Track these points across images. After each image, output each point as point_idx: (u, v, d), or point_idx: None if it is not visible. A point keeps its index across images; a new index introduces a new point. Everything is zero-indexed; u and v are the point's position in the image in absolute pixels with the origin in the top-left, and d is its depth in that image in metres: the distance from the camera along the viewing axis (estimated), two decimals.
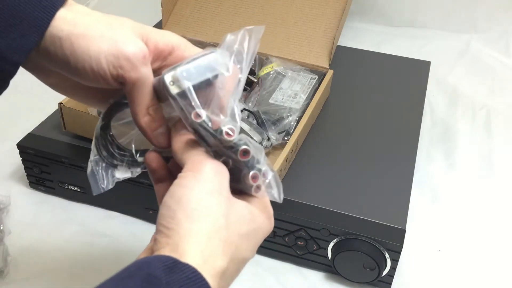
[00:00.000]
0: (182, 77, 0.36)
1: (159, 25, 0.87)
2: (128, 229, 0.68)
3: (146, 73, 0.37)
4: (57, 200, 0.71)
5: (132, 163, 0.44)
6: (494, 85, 0.99)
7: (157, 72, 0.39)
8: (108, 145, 0.43)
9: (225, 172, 0.36)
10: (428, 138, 0.84)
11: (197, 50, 0.41)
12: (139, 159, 0.43)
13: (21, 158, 0.69)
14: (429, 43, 1.11)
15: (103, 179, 0.44)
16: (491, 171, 0.79)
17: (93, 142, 0.44)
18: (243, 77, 0.38)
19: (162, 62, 0.40)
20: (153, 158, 0.40)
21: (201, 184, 0.35)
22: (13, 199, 0.70)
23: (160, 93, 0.38)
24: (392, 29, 1.16)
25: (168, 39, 0.40)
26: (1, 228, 0.65)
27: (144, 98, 0.38)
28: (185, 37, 0.88)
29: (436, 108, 0.92)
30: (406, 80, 0.84)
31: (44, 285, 0.61)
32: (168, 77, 0.36)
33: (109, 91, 0.40)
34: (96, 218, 0.69)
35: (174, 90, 0.35)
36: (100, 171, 0.44)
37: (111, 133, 0.43)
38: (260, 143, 0.62)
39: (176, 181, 0.35)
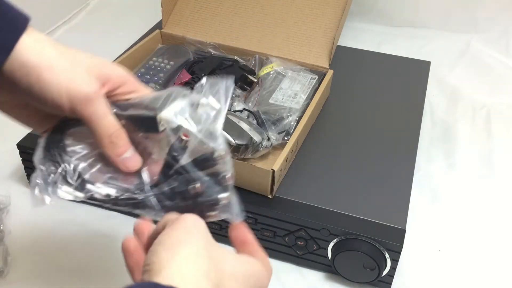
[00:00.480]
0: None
1: (159, 25, 0.87)
2: (128, 229, 0.67)
3: (100, 108, 0.40)
4: (57, 200, 0.71)
5: (80, 187, 0.43)
6: (494, 85, 0.99)
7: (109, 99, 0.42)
8: (65, 158, 0.43)
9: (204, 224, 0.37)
10: (428, 138, 0.84)
11: (141, 86, 0.44)
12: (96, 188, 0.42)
13: (21, 158, 0.69)
14: (429, 43, 1.11)
15: (48, 191, 0.43)
16: (491, 171, 0.79)
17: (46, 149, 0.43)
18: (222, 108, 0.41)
19: (113, 92, 0.43)
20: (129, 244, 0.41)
21: (180, 229, 0.35)
22: (13, 199, 0.70)
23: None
24: (392, 29, 1.16)
25: (118, 73, 0.43)
26: (1, 228, 0.65)
27: (103, 128, 0.41)
28: (185, 37, 0.88)
29: (436, 108, 0.92)
30: (406, 80, 0.84)
31: (44, 285, 0.61)
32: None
33: (56, 115, 0.43)
34: (96, 218, 0.69)
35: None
36: (49, 181, 0.42)
37: (66, 148, 0.43)
38: (260, 143, 0.62)
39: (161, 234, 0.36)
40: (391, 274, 0.59)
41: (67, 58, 0.40)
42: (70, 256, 0.64)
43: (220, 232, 0.64)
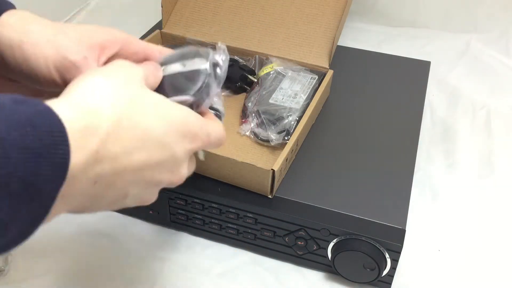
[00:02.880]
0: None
1: (159, 25, 0.87)
2: (128, 229, 0.68)
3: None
4: None
5: None
6: (494, 85, 0.99)
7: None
8: None
9: (138, 70, 0.36)
10: (428, 138, 0.84)
11: (142, 42, 0.43)
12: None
13: None
14: (429, 43, 1.11)
15: None
16: (491, 171, 0.79)
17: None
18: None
19: (110, 55, 0.41)
20: None
21: (100, 70, 0.34)
22: None
23: None
24: (392, 29, 1.16)
25: (114, 36, 0.42)
26: None
27: None
28: (185, 37, 0.88)
29: (436, 108, 0.92)
30: (406, 80, 0.84)
31: (44, 285, 0.61)
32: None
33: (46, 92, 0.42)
34: (96, 218, 0.69)
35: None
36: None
37: None
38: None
39: None
40: (391, 274, 0.59)
41: (52, 30, 0.38)
42: (70, 256, 0.64)
43: (220, 232, 0.64)
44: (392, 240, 0.56)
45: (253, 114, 0.69)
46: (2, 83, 0.42)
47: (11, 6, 0.38)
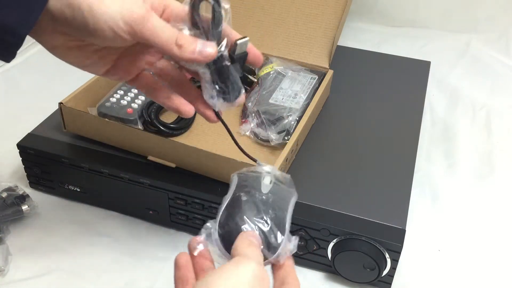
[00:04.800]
0: None
1: None
2: (128, 229, 0.68)
3: (157, 22, 0.40)
4: (57, 200, 0.71)
5: None
6: (494, 85, 0.99)
7: None
8: None
9: (266, 282, 0.37)
10: (428, 138, 0.84)
11: (182, 5, 0.44)
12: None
13: (21, 158, 0.69)
14: (429, 43, 1.11)
15: None
16: (491, 171, 0.79)
17: None
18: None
19: (162, 11, 0.43)
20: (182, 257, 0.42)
21: (234, 277, 0.36)
22: None
23: None
24: (392, 29, 1.16)
25: None
26: (2, 227, 0.65)
27: (167, 38, 0.41)
28: None
29: (436, 108, 0.92)
30: (406, 80, 0.85)
31: (44, 285, 0.61)
32: None
33: (114, 50, 0.44)
34: (96, 218, 0.69)
35: None
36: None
37: None
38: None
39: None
40: (391, 274, 0.59)
41: None
42: (70, 256, 0.64)
43: None
44: (392, 240, 0.56)
45: (253, 114, 0.69)
46: (63, 51, 0.43)
47: None
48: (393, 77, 0.85)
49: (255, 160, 0.46)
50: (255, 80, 0.75)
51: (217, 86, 0.43)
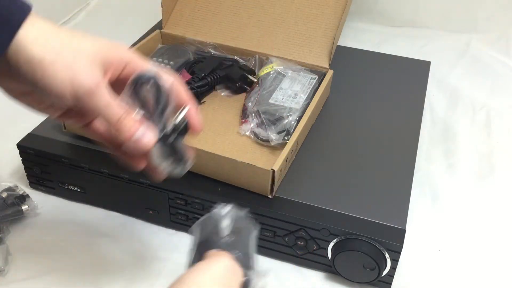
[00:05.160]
0: None
1: (159, 25, 0.87)
2: (128, 229, 0.68)
3: (102, 99, 0.41)
4: (57, 200, 0.72)
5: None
6: (494, 85, 0.99)
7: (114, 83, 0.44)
8: None
9: (239, 274, 0.39)
10: (428, 138, 0.84)
11: (145, 63, 0.45)
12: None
13: (21, 158, 0.69)
14: (429, 43, 1.11)
15: None
16: (491, 171, 0.79)
17: None
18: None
19: (117, 75, 0.44)
20: None
21: (208, 272, 0.38)
22: None
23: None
24: (392, 29, 1.16)
25: (120, 55, 0.44)
26: (2, 227, 0.65)
27: (109, 117, 0.42)
28: (185, 37, 0.88)
29: (436, 108, 0.92)
30: (406, 80, 0.85)
31: (44, 285, 0.61)
32: None
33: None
34: (96, 218, 0.69)
35: None
36: None
37: None
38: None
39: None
40: (391, 274, 0.59)
41: (70, 49, 0.40)
42: (70, 256, 0.64)
43: None
44: (392, 240, 0.56)
45: (253, 114, 0.69)
46: (15, 94, 0.44)
47: (28, 9, 0.39)
48: (393, 77, 0.85)
49: None
50: (255, 80, 0.75)
51: (164, 161, 0.46)
